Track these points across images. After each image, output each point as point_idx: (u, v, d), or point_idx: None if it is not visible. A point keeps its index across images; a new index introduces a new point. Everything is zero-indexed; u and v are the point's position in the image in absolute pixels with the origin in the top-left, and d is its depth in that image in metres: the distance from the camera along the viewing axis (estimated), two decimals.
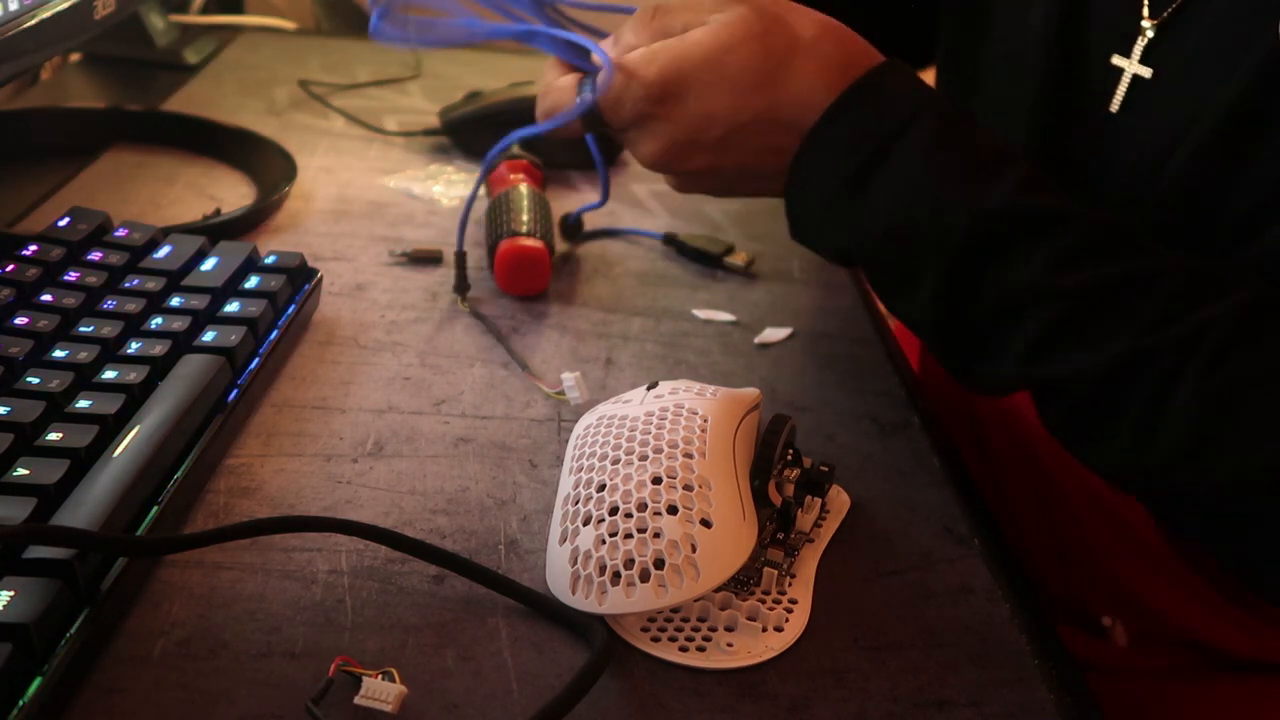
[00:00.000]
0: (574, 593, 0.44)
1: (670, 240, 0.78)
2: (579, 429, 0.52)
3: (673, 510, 0.44)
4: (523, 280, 0.69)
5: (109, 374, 0.51)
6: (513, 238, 0.69)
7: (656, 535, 0.43)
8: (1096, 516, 0.67)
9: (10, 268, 0.57)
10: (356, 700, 0.39)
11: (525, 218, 0.71)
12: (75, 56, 1.05)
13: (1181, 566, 0.64)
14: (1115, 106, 0.58)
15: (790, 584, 0.48)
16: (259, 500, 0.50)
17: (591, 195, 0.86)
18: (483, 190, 0.78)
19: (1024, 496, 0.71)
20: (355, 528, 0.45)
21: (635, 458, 0.47)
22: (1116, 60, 0.58)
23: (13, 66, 0.63)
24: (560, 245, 0.77)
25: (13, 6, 0.62)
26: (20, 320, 0.53)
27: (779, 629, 0.45)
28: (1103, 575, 0.68)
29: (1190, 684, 0.67)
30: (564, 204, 0.80)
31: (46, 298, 0.55)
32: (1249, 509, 0.47)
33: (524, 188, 0.74)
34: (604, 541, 0.44)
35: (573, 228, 0.78)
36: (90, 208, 0.64)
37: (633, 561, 0.43)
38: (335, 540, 0.47)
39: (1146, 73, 0.56)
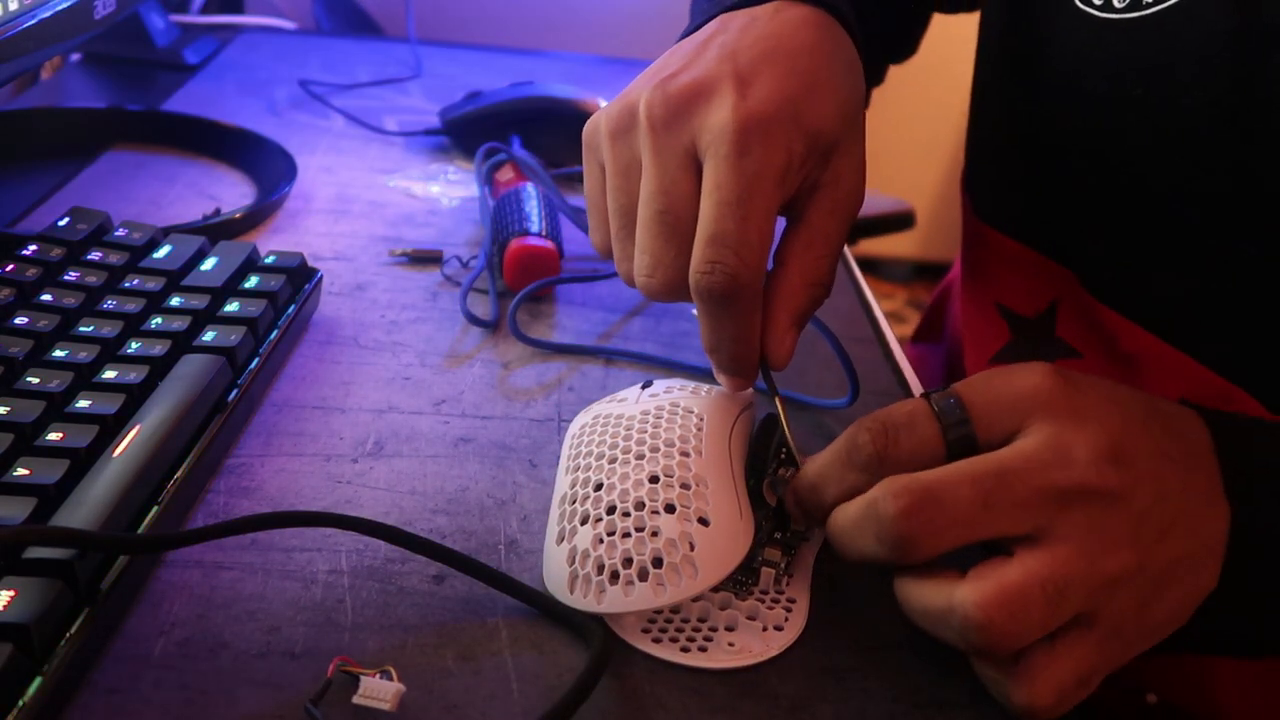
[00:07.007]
0: (572, 592, 0.44)
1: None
2: (574, 428, 0.52)
3: (670, 509, 0.44)
4: (533, 280, 0.69)
5: (109, 374, 0.51)
6: (523, 236, 0.69)
7: (654, 534, 0.44)
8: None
9: (10, 268, 0.57)
10: (355, 699, 0.39)
11: (535, 217, 0.71)
12: (75, 56, 1.05)
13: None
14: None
15: (788, 583, 0.48)
16: (259, 500, 0.50)
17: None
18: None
19: None
20: (354, 522, 0.45)
21: (632, 456, 0.47)
22: None
23: (13, 66, 0.64)
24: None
25: (13, 6, 0.63)
26: (20, 320, 0.53)
27: (779, 628, 0.45)
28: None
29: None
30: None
31: (46, 298, 0.55)
32: None
33: (530, 186, 0.74)
34: (601, 540, 0.44)
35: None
36: (90, 208, 0.64)
37: (630, 560, 0.43)
38: (335, 540, 0.47)
39: None
